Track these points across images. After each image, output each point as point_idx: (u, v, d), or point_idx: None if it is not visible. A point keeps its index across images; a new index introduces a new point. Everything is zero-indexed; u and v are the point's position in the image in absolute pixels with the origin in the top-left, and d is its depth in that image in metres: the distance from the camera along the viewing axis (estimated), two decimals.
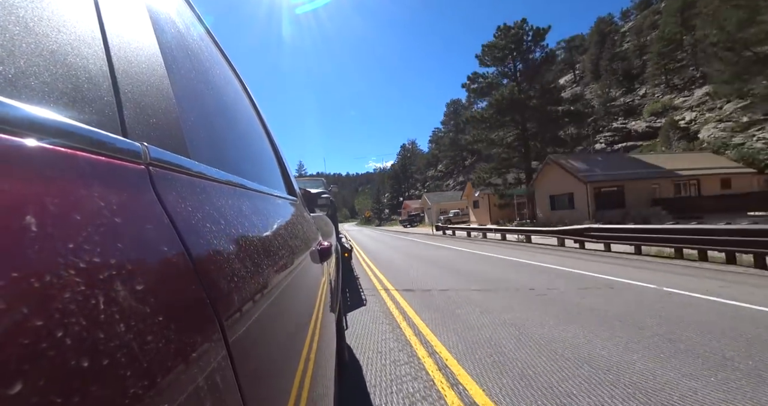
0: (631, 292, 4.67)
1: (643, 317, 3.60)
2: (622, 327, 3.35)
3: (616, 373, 2.45)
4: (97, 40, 0.31)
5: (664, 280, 5.28)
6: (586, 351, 2.85)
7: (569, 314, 3.84)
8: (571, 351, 2.86)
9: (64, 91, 0.26)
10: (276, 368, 0.45)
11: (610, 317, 3.68)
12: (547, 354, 2.83)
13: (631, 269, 6.37)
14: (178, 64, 0.51)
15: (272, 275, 0.52)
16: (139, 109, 0.35)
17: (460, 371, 2.60)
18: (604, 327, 3.38)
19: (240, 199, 0.55)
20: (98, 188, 0.24)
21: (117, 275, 0.22)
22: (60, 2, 0.29)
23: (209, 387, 0.27)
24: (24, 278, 0.16)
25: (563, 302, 4.35)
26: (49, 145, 0.21)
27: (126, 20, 0.39)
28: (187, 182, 0.38)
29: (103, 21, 0.33)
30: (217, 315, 0.31)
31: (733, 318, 3.47)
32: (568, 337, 3.18)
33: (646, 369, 2.48)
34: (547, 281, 5.72)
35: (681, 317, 3.58)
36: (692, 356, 2.66)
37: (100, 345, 0.19)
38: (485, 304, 4.43)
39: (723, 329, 3.17)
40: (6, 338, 0.15)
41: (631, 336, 3.11)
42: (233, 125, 0.81)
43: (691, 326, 3.28)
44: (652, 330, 3.23)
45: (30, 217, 0.18)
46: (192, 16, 0.69)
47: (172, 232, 0.30)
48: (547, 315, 3.84)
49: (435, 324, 3.73)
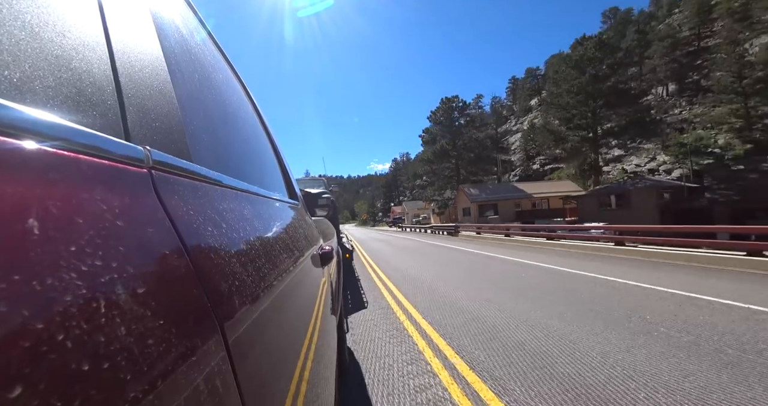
0: (483, 258, 9.02)
1: (494, 272, 6.68)
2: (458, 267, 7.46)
3: (463, 290, 5.23)
4: (100, 45, 0.32)
5: (503, 252, 10.28)
6: (441, 275, 6.58)
7: (430, 259, 8.97)
8: (417, 272, 7.13)
9: (67, 95, 0.26)
10: (277, 371, 0.45)
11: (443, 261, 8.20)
12: (424, 276, 6.56)
13: (492, 248, 11.72)
14: (181, 67, 0.52)
15: (273, 279, 0.52)
16: (142, 113, 0.35)
17: (387, 280, 6.31)
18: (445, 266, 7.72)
19: (242, 203, 0.55)
20: (101, 192, 0.24)
21: (119, 278, 0.22)
22: (64, 7, 0.29)
23: (210, 390, 0.27)
24: (27, 281, 0.16)
25: (423, 250, 11.96)
26: (52, 148, 0.21)
27: (129, 25, 0.39)
28: (189, 186, 0.38)
29: (107, 25, 0.33)
30: (218, 318, 0.31)
31: (523, 267, 7.06)
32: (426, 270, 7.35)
33: (494, 296, 4.73)
34: (432, 246, 13.89)
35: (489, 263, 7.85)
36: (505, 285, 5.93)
37: (102, 348, 0.19)
38: (395, 255, 10.98)
39: (515, 274, 6.33)
40: (9, 340, 0.15)
41: (481, 276, 6.28)
42: (235, 129, 0.81)
43: (507, 268, 7.06)
44: (498, 278, 6.08)
45: (33, 220, 0.18)
46: (195, 20, 0.69)
47: (173, 235, 0.30)
48: (428, 261, 8.61)
49: (377, 261, 9.34)
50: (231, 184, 0.54)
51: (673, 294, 4.28)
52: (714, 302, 3.84)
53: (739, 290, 4.30)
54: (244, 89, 1.08)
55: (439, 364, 2.65)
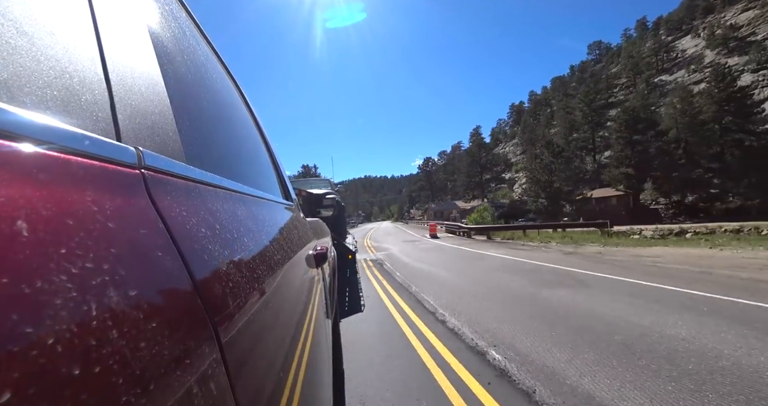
0: (452, 249, 14.03)
1: (455, 258, 10.68)
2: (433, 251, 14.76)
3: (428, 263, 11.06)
4: (91, 44, 0.31)
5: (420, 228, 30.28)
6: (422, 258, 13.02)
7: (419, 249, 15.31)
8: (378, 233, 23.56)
9: (57, 95, 0.25)
10: (271, 373, 0.45)
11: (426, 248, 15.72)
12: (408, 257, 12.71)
13: (458, 241, 18.02)
14: (174, 67, 0.51)
15: (267, 280, 0.52)
16: (134, 114, 0.34)
17: (369, 243, 20.50)
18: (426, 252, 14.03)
19: (235, 204, 0.55)
20: (92, 193, 0.24)
21: (111, 281, 0.21)
22: (54, 6, 0.29)
23: (203, 393, 0.26)
24: (15, 284, 0.16)
25: (388, 228, 30.77)
26: (43, 149, 0.21)
27: (121, 24, 0.39)
28: (182, 187, 0.37)
29: (98, 25, 0.33)
30: (211, 320, 0.31)
31: (459, 251, 13.42)
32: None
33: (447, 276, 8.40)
34: (394, 227, 38.95)
35: (441, 247, 15.51)
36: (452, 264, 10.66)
37: (93, 351, 0.18)
38: (386, 237, 23.89)
39: (461, 255, 11.96)
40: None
41: (440, 255, 12.49)
42: (229, 129, 0.81)
43: (451, 251, 13.41)
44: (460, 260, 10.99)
45: (22, 222, 0.18)
46: (187, 19, 0.69)
47: (166, 237, 0.30)
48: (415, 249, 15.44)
49: (375, 241, 21.10)
50: (224, 185, 0.54)
51: (482, 253, 11.58)
52: (497, 256, 10.48)
53: (511, 253, 11.32)
54: (237, 89, 1.08)
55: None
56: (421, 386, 2.65)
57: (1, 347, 0.15)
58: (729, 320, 3.67)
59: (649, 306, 4.30)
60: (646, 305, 4.33)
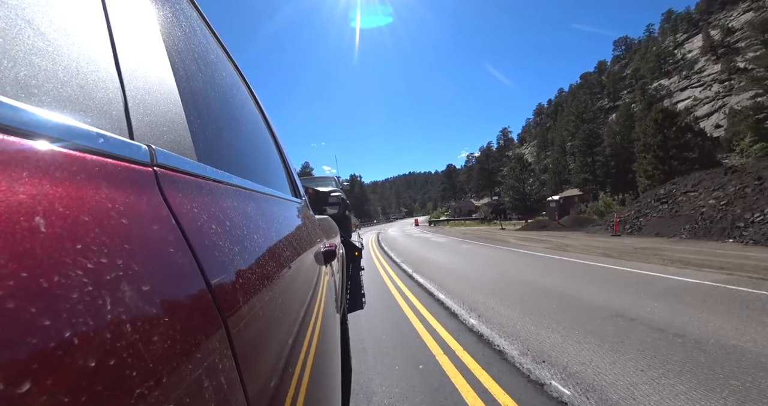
0: (447, 242, 18.44)
1: (444, 248, 14.25)
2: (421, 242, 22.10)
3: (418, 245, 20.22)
4: (105, 44, 0.32)
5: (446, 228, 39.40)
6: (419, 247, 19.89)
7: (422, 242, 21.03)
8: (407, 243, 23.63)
9: (72, 93, 0.26)
10: (281, 368, 0.45)
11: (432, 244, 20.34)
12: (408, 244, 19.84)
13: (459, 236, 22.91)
14: (185, 66, 0.52)
15: (277, 277, 0.52)
16: (146, 112, 0.35)
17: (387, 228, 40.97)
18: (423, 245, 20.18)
19: (245, 202, 0.56)
20: (106, 190, 0.24)
21: (124, 276, 0.22)
22: (68, 6, 0.29)
23: (214, 387, 0.27)
24: (32, 279, 0.17)
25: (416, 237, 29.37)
26: (57, 147, 0.22)
27: (133, 24, 0.39)
28: (193, 184, 0.38)
29: (111, 25, 0.34)
30: (222, 315, 0.31)
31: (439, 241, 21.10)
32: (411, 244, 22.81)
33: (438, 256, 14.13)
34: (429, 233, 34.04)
35: (427, 239, 22.52)
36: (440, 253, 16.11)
37: (107, 345, 0.19)
38: (394, 229, 38.21)
39: (444, 244, 17.75)
40: (13, 338, 0.15)
41: (428, 246, 17.32)
42: (239, 127, 0.82)
43: (441, 245, 18.08)
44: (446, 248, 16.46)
45: (38, 218, 0.18)
46: (198, 18, 0.69)
47: (178, 233, 0.30)
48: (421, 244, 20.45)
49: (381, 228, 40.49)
50: (235, 182, 0.54)
51: (422, 234, 25.04)
52: (473, 246, 14.21)
53: (429, 231, 30.01)
54: (247, 87, 1.08)
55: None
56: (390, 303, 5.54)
57: (18, 340, 0.15)
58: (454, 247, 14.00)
59: (437, 239, 18.53)
60: (434, 238, 19.06)
